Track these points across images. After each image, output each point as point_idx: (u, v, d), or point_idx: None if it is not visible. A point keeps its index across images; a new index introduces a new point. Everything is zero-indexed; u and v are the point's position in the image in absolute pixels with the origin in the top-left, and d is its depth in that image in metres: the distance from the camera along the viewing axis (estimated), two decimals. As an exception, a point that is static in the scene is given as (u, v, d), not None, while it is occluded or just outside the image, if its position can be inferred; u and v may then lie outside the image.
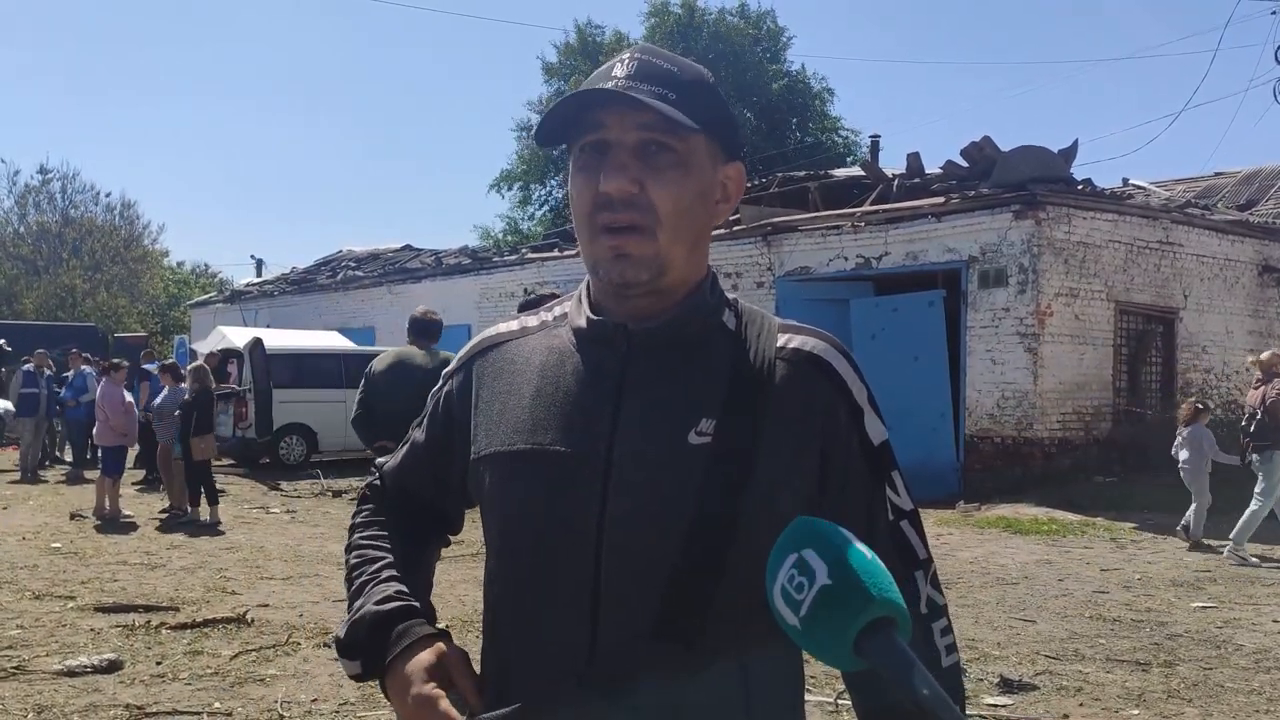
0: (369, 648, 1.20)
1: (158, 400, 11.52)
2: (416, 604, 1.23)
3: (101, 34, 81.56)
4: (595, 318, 1.21)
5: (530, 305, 5.01)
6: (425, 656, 1.17)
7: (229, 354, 16.47)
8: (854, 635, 0.87)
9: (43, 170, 41.82)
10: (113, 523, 10.52)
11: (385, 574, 1.27)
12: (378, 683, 1.21)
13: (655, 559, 1.11)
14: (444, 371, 1.36)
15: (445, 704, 1.13)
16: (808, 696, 4.59)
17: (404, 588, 1.25)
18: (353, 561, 1.32)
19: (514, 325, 1.31)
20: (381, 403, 5.25)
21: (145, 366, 15.49)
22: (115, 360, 12.91)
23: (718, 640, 1.11)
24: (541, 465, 1.17)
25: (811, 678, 4.62)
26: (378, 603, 1.22)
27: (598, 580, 1.13)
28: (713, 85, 1.21)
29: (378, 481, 1.41)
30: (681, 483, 1.12)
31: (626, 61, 1.17)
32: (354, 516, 1.40)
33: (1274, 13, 15.65)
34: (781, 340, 1.21)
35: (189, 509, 10.77)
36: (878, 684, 1.10)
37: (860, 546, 0.92)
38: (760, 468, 1.13)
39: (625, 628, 1.12)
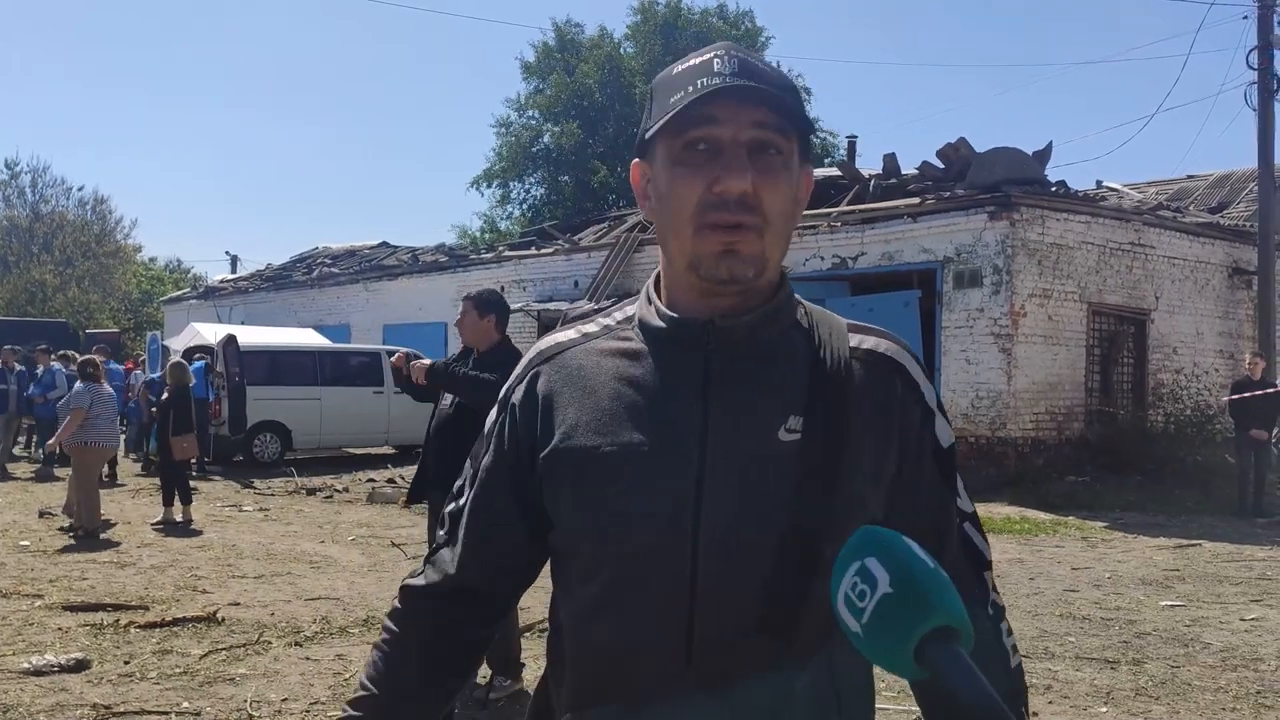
0: None
1: (63, 398, 9.92)
2: None
3: (73, 28, 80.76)
4: (674, 315, 1.18)
5: (469, 298, 4.98)
6: None
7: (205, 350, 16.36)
8: (915, 643, 0.87)
9: (9, 165, 41.36)
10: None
11: None
12: None
13: (753, 556, 1.11)
14: (499, 397, 1.29)
15: None
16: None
17: None
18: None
19: (572, 333, 1.27)
20: None
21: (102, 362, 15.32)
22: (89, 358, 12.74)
23: (812, 638, 1.11)
24: (632, 465, 1.15)
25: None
26: None
27: (694, 579, 1.12)
28: (795, 85, 1.20)
29: (423, 581, 1.33)
30: (775, 479, 1.12)
31: (725, 58, 1.14)
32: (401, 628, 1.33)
33: (1245, 18, 15.79)
34: (854, 340, 1.21)
35: (96, 525, 9.62)
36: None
37: (923, 555, 0.91)
38: (849, 465, 1.14)
39: (722, 626, 1.12)
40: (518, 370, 1.28)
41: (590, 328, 1.26)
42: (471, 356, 4.89)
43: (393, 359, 5.44)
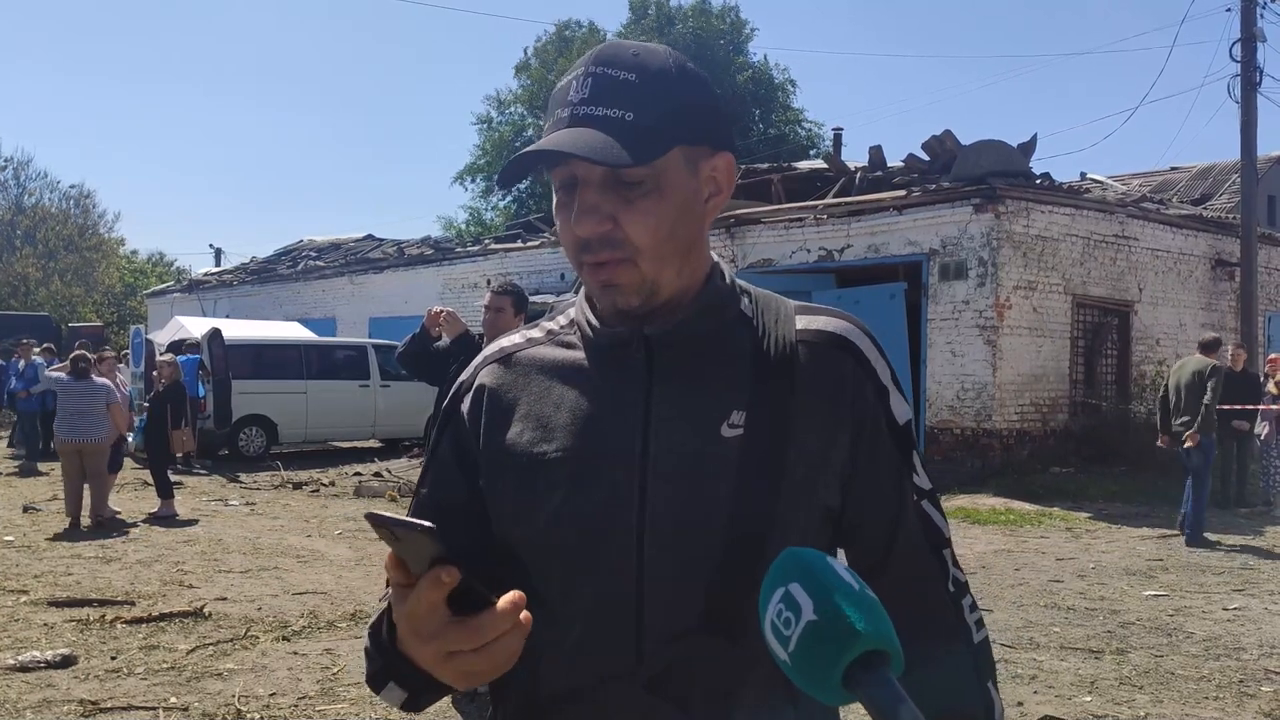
0: (384, 653, 1.11)
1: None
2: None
3: (56, 19, 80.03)
4: (608, 328, 1.18)
5: (505, 293, 4.89)
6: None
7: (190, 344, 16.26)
8: (842, 671, 0.84)
9: (-6, 156, 40.99)
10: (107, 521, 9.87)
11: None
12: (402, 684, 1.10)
13: (698, 554, 1.11)
14: (451, 395, 1.28)
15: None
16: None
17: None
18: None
19: (517, 338, 1.27)
20: None
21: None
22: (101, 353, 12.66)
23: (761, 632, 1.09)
24: (574, 468, 1.14)
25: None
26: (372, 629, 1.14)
27: (641, 578, 1.12)
28: (682, 76, 1.12)
29: None
30: (719, 475, 1.11)
31: (581, 79, 1.10)
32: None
33: (1228, 10, 15.88)
34: (801, 323, 1.19)
35: (74, 515, 9.67)
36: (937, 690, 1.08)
37: (848, 577, 0.88)
38: (794, 455, 1.13)
39: (671, 624, 1.11)
40: (465, 375, 1.27)
41: (535, 333, 1.27)
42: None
43: (431, 310, 5.34)
